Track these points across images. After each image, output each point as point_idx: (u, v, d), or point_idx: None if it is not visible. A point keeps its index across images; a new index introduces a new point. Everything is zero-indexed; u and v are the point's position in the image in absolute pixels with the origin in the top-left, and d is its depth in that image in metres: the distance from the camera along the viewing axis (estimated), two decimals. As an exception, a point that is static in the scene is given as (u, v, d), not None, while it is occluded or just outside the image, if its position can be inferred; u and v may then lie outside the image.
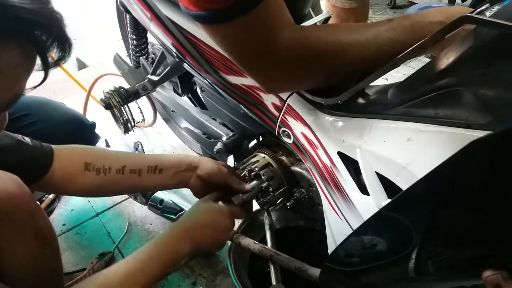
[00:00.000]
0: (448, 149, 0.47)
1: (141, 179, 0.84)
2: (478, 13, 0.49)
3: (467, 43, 0.47)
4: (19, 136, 0.76)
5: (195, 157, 0.90)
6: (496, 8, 0.50)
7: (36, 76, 0.49)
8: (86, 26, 3.47)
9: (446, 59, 0.50)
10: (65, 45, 0.46)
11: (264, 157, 0.92)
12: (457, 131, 0.46)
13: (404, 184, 0.56)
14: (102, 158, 0.82)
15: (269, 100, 0.79)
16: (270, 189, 0.90)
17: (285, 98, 0.76)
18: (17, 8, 0.40)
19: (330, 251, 0.82)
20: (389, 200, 0.60)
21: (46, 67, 0.46)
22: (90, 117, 1.65)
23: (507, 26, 0.38)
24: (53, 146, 0.80)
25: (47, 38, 0.44)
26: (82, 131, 1.11)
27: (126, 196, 1.42)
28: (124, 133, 1.19)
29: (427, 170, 0.42)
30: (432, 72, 0.52)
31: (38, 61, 0.46)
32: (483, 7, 0.49)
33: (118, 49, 2.68)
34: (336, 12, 1.48)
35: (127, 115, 1.13)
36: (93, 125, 1.15)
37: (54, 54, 0.45)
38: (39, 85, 0.50)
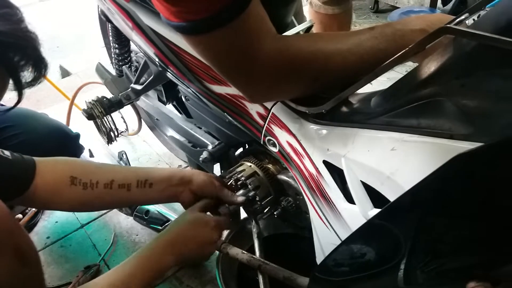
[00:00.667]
0: (431, 159, 0.47)
1: (130, 193, 0.81)
2: (458, 23, 0.49)
3: (447, 53, 0.47)
4: None
5: (186, 170, 0.88)
6: (476, 17, 0.51)
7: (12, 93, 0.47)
8: (69, 33, 3.43)
9: (428, 69, 0.50)
10: (40, 66, 0.45)
11: (250, 165, 0.91)
12: (440, 141, 0.46)
13: (389, 193, 0.55)
14: (89, 172, 0.79)
15: (254, 109, 0.79)
16: (257, 198, 0.89)
17: (269, 107, 0.76)
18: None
19: (318, 259, 0.82)
20: (375, 209, 0.60)
21: (20, 88, 0.45)
22: (73, 126, 1.63)
23: (485, 37, 0.38)
24: (35, 158, 0.78)
25: (21, 60, 0.43)
26: (66, 143, 1.09)
27: (111, 206, 1.40)
28: (108, 144, 1.17)
29: (411, 180, 0.42)
30: (414, 81, 0.52)
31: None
32: (463, 17, 0.50)
33: (102, 56, 2.67)
34: (320, 18, 1.48)
35: (110, 125, 1.11)
36: (77, 136, 1.13)
37: (28, 74, 0.44)
38: (13, 107, 0.49)
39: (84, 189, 0.78)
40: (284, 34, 0.82)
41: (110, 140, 1.14)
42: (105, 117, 1.08)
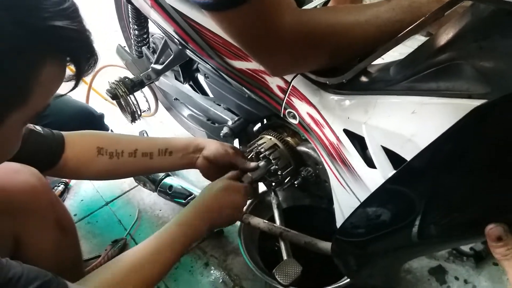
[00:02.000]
0: (451, 119, 0.50)
1: (152, 161, 0.87)
2: (474, -10, 0.52)
3: (464, 19, 0.50)
4: (30, 125, 0.79)
5: (202, 139, 0.94)
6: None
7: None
8: (84, 16, 3.44)
9: (446, 35, 0.53)
10: (95, 60, 0.49)
11: (270, 138, 0.95)
12: (459, 101, 0.49)
13: (409, 155, 0.59)
14: (114, 143, 0.85)
15: (274, 82, 0.82)
16: (278, 169, 0.93)
17: (289, 80, 0.79)
18: (62, 29, 0.42)
19: (338, 224, 0.86)
20: (395, 172, 0.63)
21: (78, 79, 0.49)
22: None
23: (502, 2, 0.41)
24: (63, 133, 0.83)
25: (84, 54, 0.47)
26: (92, 123, 1.13)
27: (134, 183, 1.46)
28: (131, 122, 1.21)
29: (431, 140, 0.45)
30: (432, 48, 0.55)
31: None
32: (479, -16, 0.52)
33: (114, 40, 2.69)
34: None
35: (134, 105, 1.15)
36: (101, 116, 1.18)
37: (84, 67, 0.49)
38: (69, 91, 0.53)
39: (110, 158, 0.84)
40: (303, 7, 0.84)
41: (133, 119, 1.18)
42: (128, 97, 1.12)
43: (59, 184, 1.47)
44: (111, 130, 1.40)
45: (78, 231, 1.35)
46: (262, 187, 1.18)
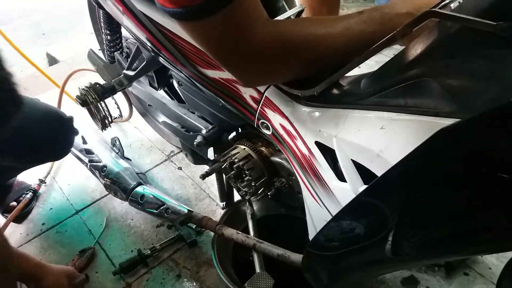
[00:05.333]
0: (418, 136, 0.50)
1: None
2: (443, 6, 0.52)
3: (433, 35, 0.50)
4: None
5: (46, 267, 1.03)
6: (460, 0, 0.53)
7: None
8: (55, 19, 3.37)
9: (414, 51, 0.53)
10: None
11: (244, 148, 0.93)
12: (426, 119, 0.49)
13: (378, 170, 0.58)
14: None
15: (247, 93, 0.81)
16: (251, 180, 0.92)
17: (262, 91, 0.78)
18: None
19: (310, 237, 0.85)
20: (365, 186, 0.63)
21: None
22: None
23: (468, 20, 0.41)
24: None
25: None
26: (60, 126, 1.09)
27: (105, 192, 1.42)
28: (102, 130, 1.18)
29: (399, 156, 0.45)
30: (402, 63, 0.54)
31: None
32: (448, 0, 0.52)
33: (89, 42, 2.64)
34: (309, 1, 1.49)
35: (104, 112, 1.12)
36: (70, 119, 1.14)
37: None
38: None
39: None
40: (276, 18, 0.83)
41: (104, 126, 1.15)
42: (99, 103, 1.09)
43: (27, 192, 1.42)
44: (82, 137, 1.36)
45: (46, 240, 1.32)
46: (237, 196, 1.16)
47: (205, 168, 1.05)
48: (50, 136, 1.06)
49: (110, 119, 1.15)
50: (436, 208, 0.47)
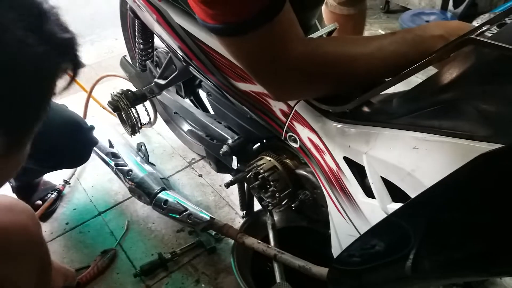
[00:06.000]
0: (451, 158, 0.51)
1: None
2: (479, 34, 0.53)
3: (469, 60, 0.52)
4: None
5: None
6: (496, 28, 0.55)
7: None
8: (79, 23, 3.46)
9: (449, 74, 0.54)
10: (81, 63, 0.49)
11: (270, 160, 0.95)
12: (460, 141, 0.50)
13: (409, 189, 0.60)
14: None
15: (277, 106, 0.83)
16: (276, 191, 0.93)
17: (293, 105, 0.80)
18: (71, 39, 0.43)
19: (334, 250, 0.86)
20: (394, 203, 0.64)
21: (72, 81, 0.49)
22: (91, 117, 1.67)
23: (507, 49, 0.43)
24: None
25: (80, 59, 0.47)
26: (78, 135, 1.12)
27: (128, 195, 1.45)
28: (131, 135, 1.21)
29: (431, 176, 0.46)
30: (436, 85, 0.56)
31: None
32: (484, 28, 0.53)
33: (115, 48, 2.70)
34: (335, 18, 1.51)
35: (135, 118, 1.16)
36: (90, 128, 1.18)
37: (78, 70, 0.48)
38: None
39: None
40: (309, 36, 0.86)
41: (134, 132, 1.18)
42: (129, 110, 1.13)
43: (52, 192, 1.46)
44: (109, 141, 1.40)
45: (69, 240, 1.36)
46: (257, 206, 1.18)
47: (226, 176, 1.07)
48: (67, 143, 1.08)
49: (139, 125, 1.19)
50: (467, 230, 0.48)
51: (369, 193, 0.68)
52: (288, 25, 0.62)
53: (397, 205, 0.63)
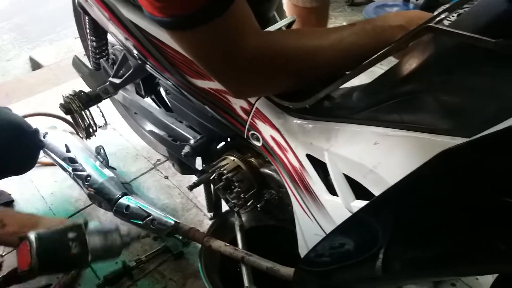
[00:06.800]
0: (413, 153, 0.49)
1: None
2: (438, 21, 0.51)
3: (428, 50, 0.49)
4: None
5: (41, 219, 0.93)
6: (454, 15, 0.53)
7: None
8: (39, 23, 3.31)
9: (409, 65, 0.52)
10: None
11: (233, 160, 0.92)
12: (422, 136, 0.48)
13: (371, 185, 0.57)
14: None
15: (237, 103, 0.79)
16: (240, 192, 0.90)
17: (253, 102, 0.77)
18: None
19: (301, 249, 0.84)
20: (357, 201, 0.62)
21: None
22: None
23: (466, 36, 0.40)
24: None
25: None
26: (23, 138, 1.06)
27: (89, 202, 1.38)
28: (86, 139, 1.15)
29: (393, 173, 0.44)
30: (396, 77, 0.54)
31: None
32: (443, 15, 0.51)
33: (75, 47, 2.59)
34: (297, 11, 1.49)
35: (89, 120, 1.09)
36: (34, 132, 1.11)
37: None
38: None
39: None
40: (267, 29, 0.82)
41: (88, 135, 1.12)
42: (83, 112, 1.06)
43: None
44: (66, 145, 1.32)
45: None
46: (224, 206, 1.14)
47: (193, 177, 1.03)
48: (10, 149, 1.02)
49: (95, 128, 1.12)
50: (433, 228, 0.46)
51: (333, 191, 0.66)
52: (242, 17, 0.58)
53: (361, 203, 0.61)
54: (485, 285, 1.15)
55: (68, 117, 1.23)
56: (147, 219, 1.10)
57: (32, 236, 0.76)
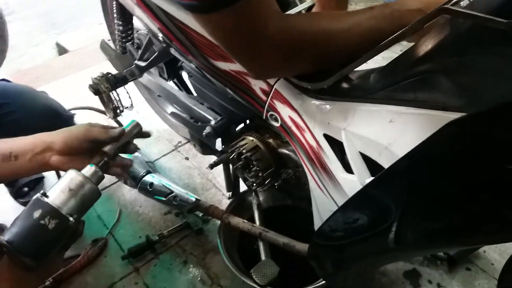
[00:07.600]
0: (426, 129, 0.51)
1: None
2: (454, 3, 0.53)
3: (444, 32, 0.51)
4: None
5: (48, 133, 0.81)
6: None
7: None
8: (65, 9, 3.39)
9: (425, 47, 0.54)
10: None
11: (252, 140, 0.95)
12: (434, 113, 0.50)
13: (386, 162, 0.60)
14: None
15: (257, 85, 0.82)
16: (259, 170, 0.93)
17: (272, 83, 0.79)
18: None
19: (316, 227, 0.87)
20: (372, 178, 0.64)
21: None
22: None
23: (480, 18, 0.42)
24: None
25: None
26: (59, 123, 1.10)
27: (115, 179, 1.44)
28: (113, 119, 1.20)
29: (407, 149, 0.46)
30: (412, 58, 0.56)
31: None
32: (458, -2, 0.53)
33: (99, 32, 2.65)
34: (318, -5, 1.50)
35: (116, 101, 1.14)
36: (70, 116, 1.17)
37: None
38: None
39: None
40: (287, 12, 0.84)
41: (115, 115, 1.17)
42: (110, 93, 1.11)
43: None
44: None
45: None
46: (242, 187, 1.18)
47: (213, 158, 1.07)
48: (48, 131, 1.06)
49: (121, 108, 1.17)
50: (441, 199, 0.48)
51: (348, 169, 0.69)
52: (264, 1, 0.61)
53: (375, 180, 0.63)
54: (500, 270, 1.17)
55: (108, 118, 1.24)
56: (170, 195, 1.15)
57: (4, 242, 0.66)
